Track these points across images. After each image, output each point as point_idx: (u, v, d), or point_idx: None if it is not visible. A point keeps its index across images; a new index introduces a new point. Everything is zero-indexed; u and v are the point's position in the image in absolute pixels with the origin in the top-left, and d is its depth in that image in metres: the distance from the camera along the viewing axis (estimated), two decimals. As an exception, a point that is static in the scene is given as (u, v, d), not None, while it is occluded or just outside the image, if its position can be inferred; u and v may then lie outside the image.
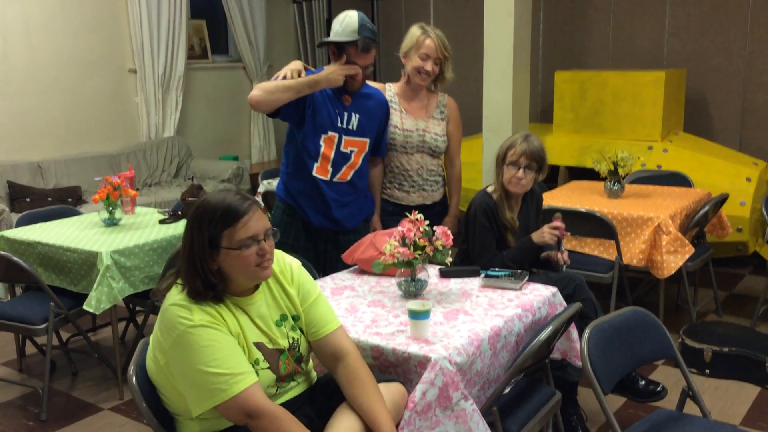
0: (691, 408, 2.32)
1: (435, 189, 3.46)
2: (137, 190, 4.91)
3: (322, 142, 3.11)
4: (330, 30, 3.14)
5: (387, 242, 2.53)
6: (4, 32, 5.56)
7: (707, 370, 3.59)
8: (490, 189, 3.16)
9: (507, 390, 2.32)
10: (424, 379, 2.02)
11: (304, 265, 2.22)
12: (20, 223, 3.95)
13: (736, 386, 3.49)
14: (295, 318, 2.06)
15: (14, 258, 3.30)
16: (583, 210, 3.86)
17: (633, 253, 3.86)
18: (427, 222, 2.55)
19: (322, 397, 2.08)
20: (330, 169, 3.14)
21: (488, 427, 2.08)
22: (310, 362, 2.14)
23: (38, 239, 3.56)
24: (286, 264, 2.10)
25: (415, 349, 2.10)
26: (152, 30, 6.42)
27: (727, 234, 4.46)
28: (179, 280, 1.90)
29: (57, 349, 3.93)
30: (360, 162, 3.21)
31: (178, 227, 3.75)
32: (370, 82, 3.34)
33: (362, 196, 3.30)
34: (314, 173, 3.13)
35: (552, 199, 4.28)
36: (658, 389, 3.24)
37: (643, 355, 2.31)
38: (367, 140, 3.21)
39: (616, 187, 4.22)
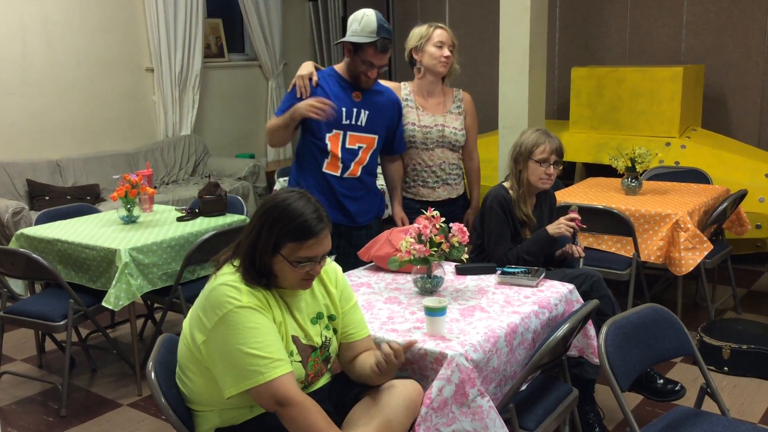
0: (709, 405, 2.31)
1: (458, 182, 3.50)
2: (155, 188, 4.95)
3: (327, 141, 3.15)
4: (345, 28, 3.15)
5: (403, 239, 2.53)
6: (23, 32, 5.62)
7: (725, 368, 3.56)
8: (506, 184, 3.16)
9: (524, 387, 2.32)
10: (441, 376, 2.02)
11: None
12: (39, 221, 3.99)
13: (754, 384, 3.46)
14: (332, 318, 2.11)
15: (34, 255, 3.33)
16: (601, 207, 3.84)
17: (651, 250, 3.84)
18: (443, 219, 2.56)
19: (341, 392, 2.10)
20: (340, 165, 3.17)
21: (505, 424, 2.08)
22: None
23: (57, 237, 3.59)
24: (330, 266, 2.16)
25: (431, 345, 2.10)
26: (169, 29, 6.46)
27: (745, 231, 4.42)
28: (235, 262, 1.95)
29: (76, 345, 3.96)
30: (368, 159, 3.23)
31: (196, 225, 3.77)
32: (384, 82, 3.37)
33: (372, 192, 3.33)
34: (324, 169, 3.17)
35: (569, 195, 4.27)
36: (677, 388, 3.21)
37: (661, 352, 2.29)
38: (376, 137, 3.22)
39: (633, 184, 4.20)
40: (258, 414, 1.94)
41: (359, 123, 3.18)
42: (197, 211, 3.97)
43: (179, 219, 3.87)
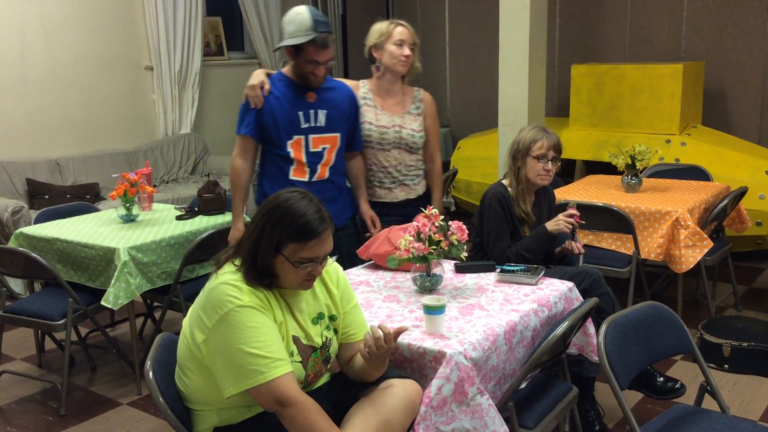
0: (709, 403, 2.30)
1: (417, 182, 3.38)
2: (154, 186, 4.94)
3: (289, 148, 3.08)
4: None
5: (402, 237, 2.52)
6: (22, 31, 5.61)
7: (726, 365, 3.56)
8: (505, 182, 3.15)
9: (523, 385, 2.31)
10: (440, 374, 2.02)
11: None
12: (39, 220, 3.98)
13: (755, 381, 3.46)
14: (332, 318, 2.10)
15: (33, 254, 3.33)
16: (601, 204, 3.83)
17: (651, 247, 3.83)
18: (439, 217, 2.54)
19: (340, 392, 2.09)
20: (307, 170, 3.11)
21: (504, 423, 2.08)
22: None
23: (57, 236, 3.59)
24: (331, 266, 2.15)
25: (430, 344, 2.10)
26: (168, 27, 6.45)
27: (746, 228, 4.41)
28: (236, 261, 1.94)
29: (75, 344, 3.96)
30: (334, 158, 3.16)
31: (195, 223, 3.77)
32: (345, 81, 3.30)
33: (344, 192, 3.26)
34: (291, 177, 3.10)
35: (569, 193, 4.26)
36: (677, 386, 3.21)
37: (661, 350, 2.29)
38: (338, 135, 3.15)
39: (633, 181, 4.19)
40: (256, 413, 1.94)
41: (318, 124, 3.10)
42: (196, 209, 3.96)
43: (178, 218, 3.87)
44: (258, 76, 3.09)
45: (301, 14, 2.94)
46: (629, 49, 6.46)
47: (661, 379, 3.22)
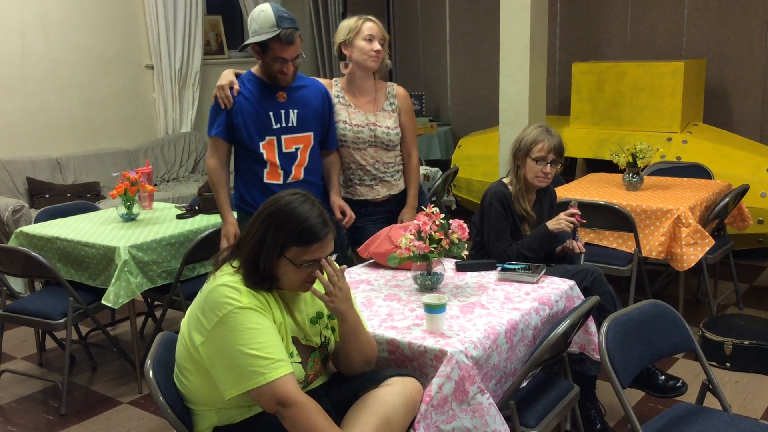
0: (711, 402, 2.30)
1: (398, 178, 3.32)
2: (155, 185, 4.95)
3: (262, 150, 3.03)
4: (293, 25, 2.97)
5: (403, 236, 2.52)
6: (22, 30, 5.61)
7: (727, 364, 3.55)
8: (506, 180, 3.15)
9: (524, 384, 2.31)
10: (440, 373, 2.02)
11: None
12: (39, 219, 3.98)
13: (756, 380, 3.45)
14: (331, 317, 2.10)
15: (33, 253, 3.32)
16: (602, 202, 3.83)
17: (652, 245, 3.83)
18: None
19: (339, 390, 2.09)
20: (281, 172, 3.06)
21: (505, 421, 2.07)
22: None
23: (57, 235, 3.59)
24: None
25: (431, 342, 2.09)
26: (169, 26, 6.44)
27: (747, 226, 4.41)
28: (235, 263, 1.93)
29: (76, 343, 3.96)
30: (308, 158, 3.11)
31: (196, 222, 3.76)
32: (320, 79, 3.26)
33: (320, 192, 3.21)
34: (266, 180, 3.06)
35: (570, 191, 4.26)
36: (678, 384, 3.20)
37: (663, 348, 2.28)
38: (311, 134, 3.10)
39: (634, 179, 4.19)
40: (256, 413, 1.94)
41: (290, 124, 3.04)
42: (197, 208, 3.96)
43: (179, 216, 3.87)
44: (227, 76, 3.03)
45: (264, 11, 2.88)
46: (630, 47, 6.45)
47: (663, 377, 3.21)
